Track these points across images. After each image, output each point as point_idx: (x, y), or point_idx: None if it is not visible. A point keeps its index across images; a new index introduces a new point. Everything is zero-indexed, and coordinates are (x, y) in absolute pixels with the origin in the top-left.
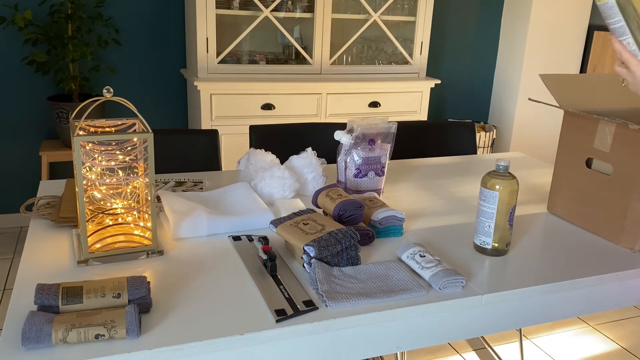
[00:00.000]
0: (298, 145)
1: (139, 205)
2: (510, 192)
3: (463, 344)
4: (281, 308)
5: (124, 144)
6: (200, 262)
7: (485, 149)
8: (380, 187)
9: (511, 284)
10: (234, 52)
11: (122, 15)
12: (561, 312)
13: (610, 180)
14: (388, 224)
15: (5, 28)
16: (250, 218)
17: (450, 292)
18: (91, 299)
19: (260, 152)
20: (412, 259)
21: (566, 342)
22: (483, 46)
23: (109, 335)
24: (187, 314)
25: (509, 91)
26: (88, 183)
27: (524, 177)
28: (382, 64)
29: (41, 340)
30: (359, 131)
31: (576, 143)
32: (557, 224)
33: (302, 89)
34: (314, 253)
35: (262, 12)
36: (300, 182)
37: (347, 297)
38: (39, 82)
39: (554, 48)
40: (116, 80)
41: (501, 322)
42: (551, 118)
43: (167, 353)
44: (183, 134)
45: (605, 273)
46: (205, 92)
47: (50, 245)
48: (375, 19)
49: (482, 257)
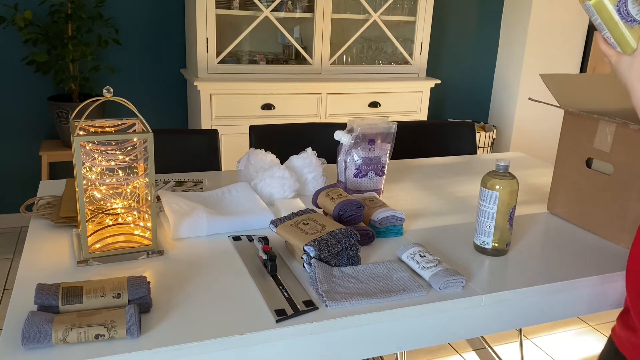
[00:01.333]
0: (298, 145)
1: (139, 205)
2: (510, 192)
3: (463, 344)
4: (281, 308)
5: (124, 144)
6: (200, 262)
7: (485, 149)
8: (380, 187)
9: (511, 284)
10: (234, 52)
11: (122, 15)
12: (561, 312)
13: (610, 180)
14: (388, 224)
15: (5, 28)
16: (250, 218)
17: (450, 292)
18: (91, 299)
19: (260, 152)
20: (412, 259)
21: (566, 342)
22: (483, 46)
23: (109, 335)
24: (187, 314)
25: (509, 91)
26: (88, 183)
27: (524, 177)
28: (382, 64)
29: (41, 340)
30: (359, 131)
31: (576, 143)
32: (557, 224)
33: (302, 89)
34: (314, 253)
35: (262, 12)
36: (300, 182)
37: (347, 297)
38: (39, 82)
39: (554, 48)
40: (116, 80)
41: (501, 322)
42: (551, 118)
43: (167, 353)
44: (183, 134)
45: (605, 273)
46: (205, 92)
47: (50, 245)
48: (375, 19)
49: (482, 257)
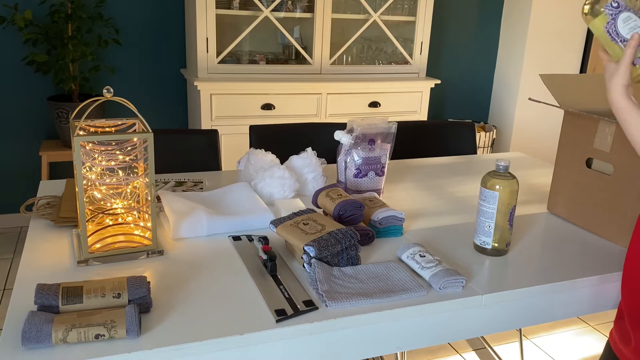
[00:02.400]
0: (298, 145)
1: (139, 205)
2: (510, 192)
3: (463, 344)
4: (281, 308)
5: (124, 144)
6: (200, 262)
7: (485, 149)
8: (380, 187)
9: (511, 284)
10: (234, 52)
11: (122, 15)
12: (561, 312)
13: (610, 180)
14: (388, 224)
15: (5, 28)
16: (250, 218)
17: (450, 292)
18: (91, 299)
19: (260, 152)
20: (412, 259)
21: (566, 342)
22: (483, 46)
23: (109, 335)
24: (187, 314)
25: (509, 91)
26: (88, 183)
27: (524, 177)
28: (382, 64)
29: (41, 340)
30: (359, 131)
31: (576, 143)
32: (557, 224)
33: (302, 89)
34: (314, 253)
35: (262, 12)
36: (300, 182)
37: (347, 297)
38: (39, 82)
39: (554, 48)
40: (116, 80)
41: (501, 322)
42: (551, 118)
43: (167, 353)
44: (183, 134)
45: (605, 273)
46: (205, 92)
47: (50, 245)
48: (375, 19)
49: (482, 257)
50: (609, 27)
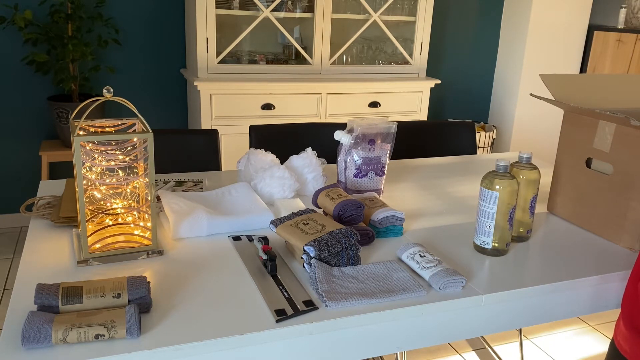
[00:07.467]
0: (298, 145)
1: (139, 205)
2: (510, 192)
3: (463, 344)
4: (281, 308)
5: (124, 144)
6: (200, 262)
7: (485, 149)
8: (380, 187)
9: (511, 284)
10: (234, 52)
11: (122, 15)
12: (561, 312)
13: (610, 180)
14: (388, 224)
15: (5, 28)
16: (250, 218)
17: (450, 292)
18: (91, 299)
19: (260, 152)
20: (412, 259)
21: (566, 342)
22: (483, 46)
23: (109, 335)
24: (187, 314)
25: (509, 91)
26: (88, 183)
27: None
28: (382, 64)
29: (41, 340)
30: (359, 131)
31: (576, 143)
32: (557, 224)
33: (302, 89)
34: (314, 253)
35: (262, 12)
36: (300, 182)
37: (347, 297)
38: (39, 82)
39: (554, 48)
40: (116, 80)
41: (501, 322)
42: (551, 118)
43: (167, 353)
44: (183, 134)
45: (605, 273)
46: (205, 92)
47: (50, 245)
48: (375, 19)
49: (482, 257)
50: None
